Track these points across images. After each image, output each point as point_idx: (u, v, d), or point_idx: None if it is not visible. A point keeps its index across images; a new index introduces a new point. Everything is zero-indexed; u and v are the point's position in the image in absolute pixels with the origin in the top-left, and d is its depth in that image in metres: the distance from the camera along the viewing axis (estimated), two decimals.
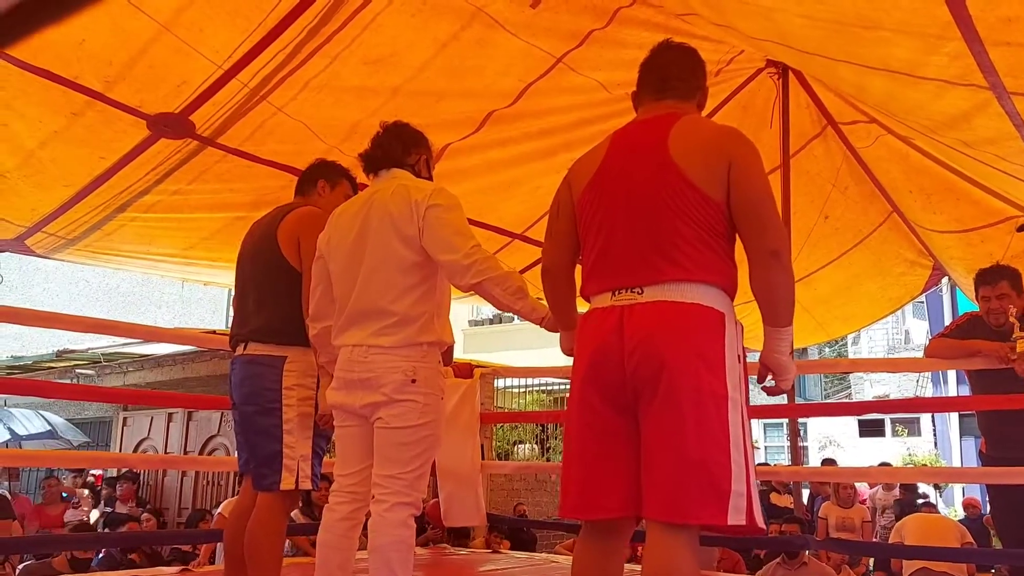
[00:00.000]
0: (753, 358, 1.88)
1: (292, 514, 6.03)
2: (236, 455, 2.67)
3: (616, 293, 1.75)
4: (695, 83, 1.98)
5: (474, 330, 15.28)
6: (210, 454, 7.71)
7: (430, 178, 2.42)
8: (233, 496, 7.43)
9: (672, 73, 1.95)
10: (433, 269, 2.22)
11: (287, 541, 4.02)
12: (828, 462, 8.66)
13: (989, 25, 2.14)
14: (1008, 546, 3.43)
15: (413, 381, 2.15)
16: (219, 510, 5.85)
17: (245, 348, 2.51)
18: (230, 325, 2.68)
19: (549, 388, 11.88)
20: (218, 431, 7.78)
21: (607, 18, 3.41)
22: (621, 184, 1.82)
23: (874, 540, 6.64)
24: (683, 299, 1.68)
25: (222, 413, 7.67)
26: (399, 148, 2.36)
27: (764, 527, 1.70)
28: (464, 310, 14.96)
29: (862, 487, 7.96)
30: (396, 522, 2.12)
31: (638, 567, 3.07)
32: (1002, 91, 2.62)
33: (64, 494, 7.68)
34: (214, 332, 7.80)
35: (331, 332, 2.32)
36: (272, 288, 2.51)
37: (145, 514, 7.01)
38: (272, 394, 2.42)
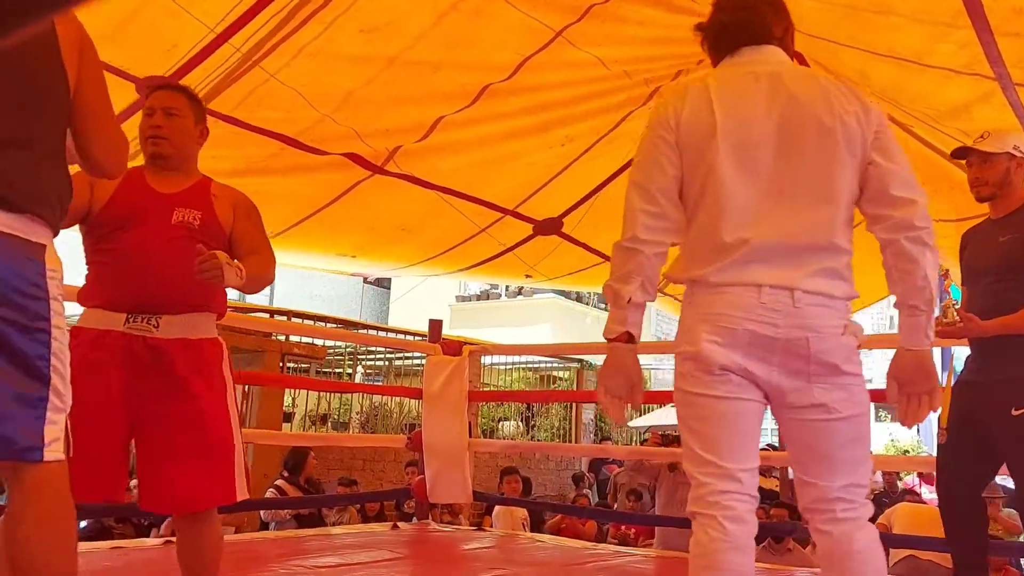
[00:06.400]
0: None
1: (279, 484, 5.95)
2: None
3: None
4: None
5: (461, 306, 15.25)
6: None
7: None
8: None
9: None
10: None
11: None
12: None
13: (1000, 15, 2.12)
14: None
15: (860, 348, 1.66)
16: None
17: None
18: None
19: (535, 366, 11.89)
20: None
21: None
22: None
23: None
24: None
25: None
26: (770, 12, 1.73)
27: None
28: (452, 285, 14.93)
29: None
30: (881, 552, 1.67)
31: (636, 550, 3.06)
32: (1008, 82, 2.59)
33: None
34: None
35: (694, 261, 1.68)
36: (41, 115, 1.50)
37: None
38: (36, 304, 1.42)
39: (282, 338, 7.68)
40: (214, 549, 2.06)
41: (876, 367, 17.25)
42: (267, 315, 8.43)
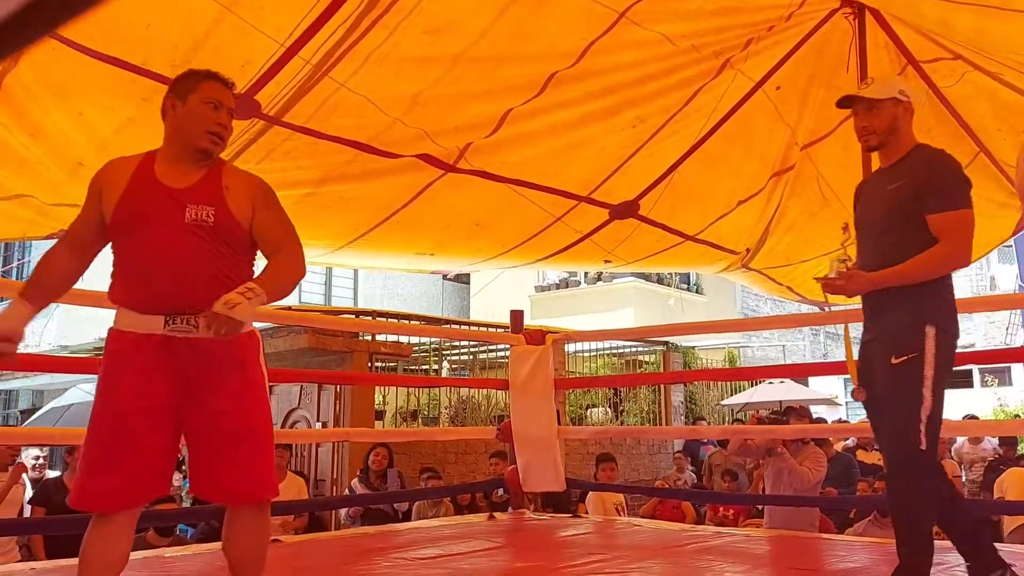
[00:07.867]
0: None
1: (352, 483, 6.13)
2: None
3: None
4: None
5: (540, 296, 15.25)
6: (292, 426, 7.92)
7: None
8: (303, 470, 7.63)
9: None
10: None
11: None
12: None
13: None
14: None
15: None
16: None
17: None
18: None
19: (619, 351, 11.81)
20: (298, 404, 7.98)
21: None
22: None
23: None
24: None
25: (301, 386, 7.86)
26: None
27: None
28: (531, 276, 14.94)
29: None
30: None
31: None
32: None
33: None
34: (290, 308, 7.97)
35: None
36: None
37: None
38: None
39: (368, 338, 7.86)
40: (261, 542, 2.08)
41: (976, 331, 16.46)
42: (353, 316, 8.64)
